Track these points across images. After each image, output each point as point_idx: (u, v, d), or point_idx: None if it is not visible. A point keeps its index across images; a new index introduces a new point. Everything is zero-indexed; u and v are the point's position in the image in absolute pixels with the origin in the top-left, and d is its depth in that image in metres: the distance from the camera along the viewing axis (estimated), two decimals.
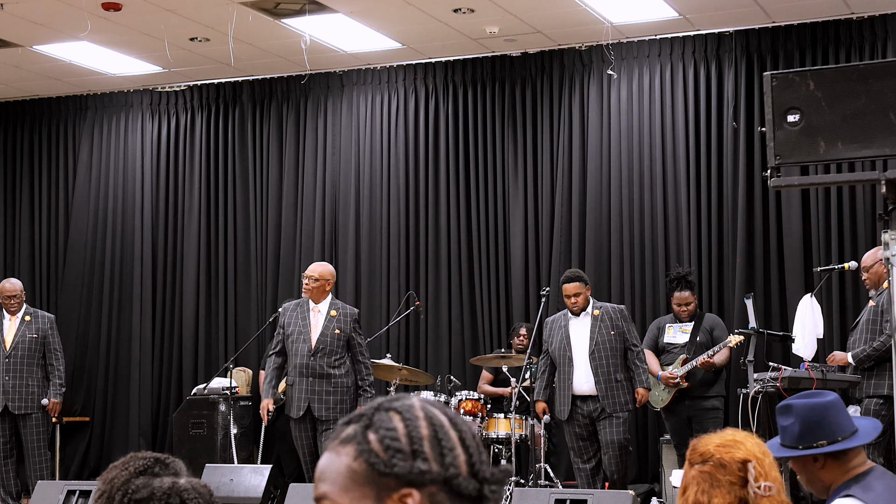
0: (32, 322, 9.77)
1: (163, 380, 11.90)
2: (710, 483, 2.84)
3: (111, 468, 2.24)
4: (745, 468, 2.82)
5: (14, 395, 9.59)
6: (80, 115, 12.40)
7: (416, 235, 11.17)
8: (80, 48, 10.64)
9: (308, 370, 8.40)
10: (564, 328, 8.64)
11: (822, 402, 3.41)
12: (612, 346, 8.52)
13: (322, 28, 10.13)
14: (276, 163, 11.68)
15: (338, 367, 8.45)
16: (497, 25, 10.07)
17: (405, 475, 1.63)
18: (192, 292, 11.80)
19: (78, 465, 11.87)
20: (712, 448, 2.88)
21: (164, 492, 2.17)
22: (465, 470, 1.65)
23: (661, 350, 9.24)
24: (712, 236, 10.25)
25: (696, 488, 2.85)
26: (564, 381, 8.58)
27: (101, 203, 12.19)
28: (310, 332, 8.45)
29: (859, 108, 5.14)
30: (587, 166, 10.68)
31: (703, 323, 9.15)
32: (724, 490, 2.82)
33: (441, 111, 11.18)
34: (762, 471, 2.82)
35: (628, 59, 10.61)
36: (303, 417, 8.42)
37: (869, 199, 9.72)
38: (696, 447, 2.92)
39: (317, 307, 8.51)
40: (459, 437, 1.68)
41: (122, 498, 2.16)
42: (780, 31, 10.11)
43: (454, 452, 1.66)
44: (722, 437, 2.91)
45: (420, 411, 1.69)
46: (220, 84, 11.89)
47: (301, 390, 8.41)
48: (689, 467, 2.92)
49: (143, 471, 2.21)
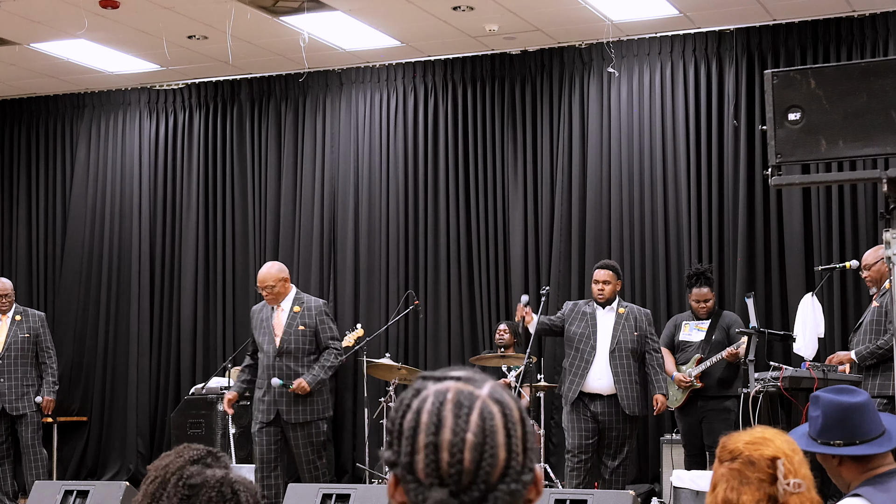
0: (23, 321, 9.72)
1: (161, 379, 11.86)
2: (739, 480, 2.84)
3: (163, 456, 2.30)
4: (774, 465, 2.82)
5: (10, 395, 9.55)
6: (77, 114, 12.37)
7: (415, 234, 11.13)
8: (78, 46, 10.61)
9: (275, 372, 7.98)
10: (591, 316, 8.33)
11: (848, 401, 3.39)
12: (633, 348, 8.28)
13: (321, 26, 10.10)
14: (275, 161, 11.65)
15: (306, 368, 8.02)
16: (497, 23, 10.03)
17: (384, 457, 1.71)
18: (191, 291, 11.77)
19: (75, 464, 11.84)
20: (741, 445, 2.88)
21: (218, 480, 2.21)
22: (423, 476, 1.65)
23: (677, 348, 9.10)
24: (713, 235, 10.22)
25: (726, 485, 2.85)
26: (580, 368, 8.24)
27: (99, 202, 12.16)
28: (273, 333, 8.07)
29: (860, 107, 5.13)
30: (587, 165, 10.64)
31: (720, 321, 8.99)
32: (754, 487, 2.82)
33: (440, 110, 11.15)
34: (791, 468, 2.82)
35: (628, 57, 10.58)
36: (271, 422, 8.00)
37: (870, 197, 9.68)
38: (725, 445, 2.92)
39: (280, 305, 8.13)
40: (425, 444, 1.65)
41: (178, 482, 2.21)
42: (780, 29, 10.08)
43: (414, 456, 1.66)
44: (751, 435, 2.91)
45: (419, 402, 1.68)
46: (219, 82, 11.86)
47: (269, 393, 7.99)
48: (718, 465, 2.92)
49: (196, 460, 2.25)
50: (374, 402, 9.77)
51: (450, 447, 1.64)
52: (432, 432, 1.65)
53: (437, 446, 1.64)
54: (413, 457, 1.65)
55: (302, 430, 8.01)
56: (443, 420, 1.65)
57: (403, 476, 1.67)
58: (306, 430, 8.01)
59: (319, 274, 11.31)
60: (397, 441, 1.68)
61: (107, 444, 11.85)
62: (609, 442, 8.24)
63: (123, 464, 11.68)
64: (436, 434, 1.64)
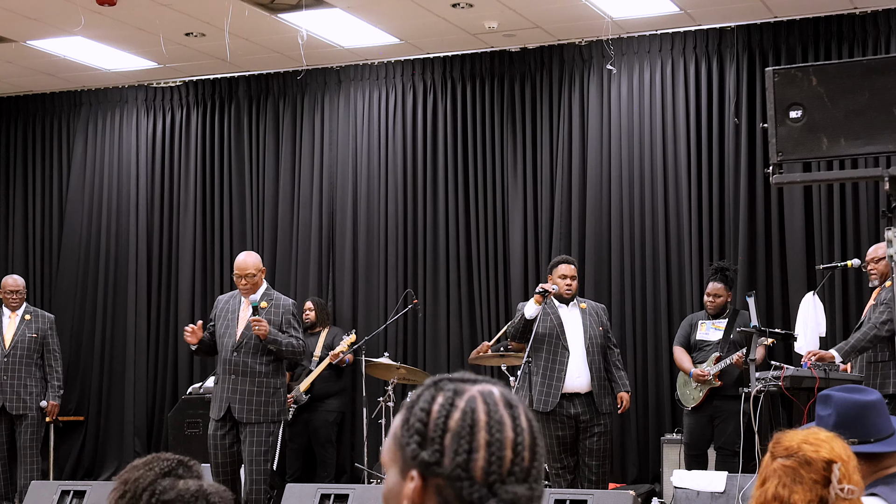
0: (33, 321, 9.70)
1: (158, 379, 11.83)
2: (792, 478, 2.80)
3: (132, 468, 2.24)
4: (830, 468, 2.79)
5: (12, 394, 9.50)
6: (74, 112, 12.34)
7: (414, 233, 11.09)
8: (75, 43, 10.58)
9: (230, 367, 7.60)
10: (554, 315, 8.09)
11: (862, 399, 3.38)
12: (601, 344, 8.15)
13: (319, 23, 10.07)
14: (273, 160, 11.61)
15: (264, 365, 7.63)
16: (496, 20, 10.00)
17: (413, 458, 1.69)
18: (188, 290, 11.74)
19: (72, 465, 11.81)
20: (797, 444, 2.84)
21: (192, 494, 2.18)
22: (479, 476, 1.67)
23: (694, 347, 9.04)
24: (713, 234, 10.18)
25: (778, 482, 2.81)
26: (555, 370, 7.97)
27: (96, 200, 12.13)
28: (236, 327, 7.70)
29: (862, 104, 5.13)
30: (587, 163, 10.60)
31: (737, 320, 8.93)
32: (807, 487, 2.78)
33: (439, 107, 11.11)
34: (846, 473, 2.80)
35: (628, 55, 10.54)
36: (223, 419, 7.60)
37: (872, 196, 9.66)
38: (780, 440, 2.88)
39: (248, 300, 7.75)
40: (488, 442, 1.68)
41: (150, 498, 2.16)
42: (782, 26, 10.04)
43: (472, 455, 1.67)
44: (808, 434, 2.87)
45: (466, 401, 1.71)
46: (216, 80, 11.83)
47: (223, 389, 7.62)
48: (770, 460, 2.88)
49: (167, 472, 2.21)
50: (373, 401, 9.72)
51: (513, 446, 1.69)
52: (498, 430, 1.69)
53: (502, 444, 1.68)
54: (470, 455, 1.67)
55: (252, 429, 7.58)
56: (502, 419, 1.70)
57: (451, 475, 1.66)
58: (258, 430, 7.59)
59: (318, 273, 11.28)
60: (438, 441, 1.68)
61: (103, 443, 11.83)
62: (590, 440, 8.01)
63: (120, 464, 11.61)
64: (500, 432, 1.69)
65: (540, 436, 1.74)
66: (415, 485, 1.68)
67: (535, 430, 1.74)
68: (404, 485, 1.70)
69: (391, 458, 1.74)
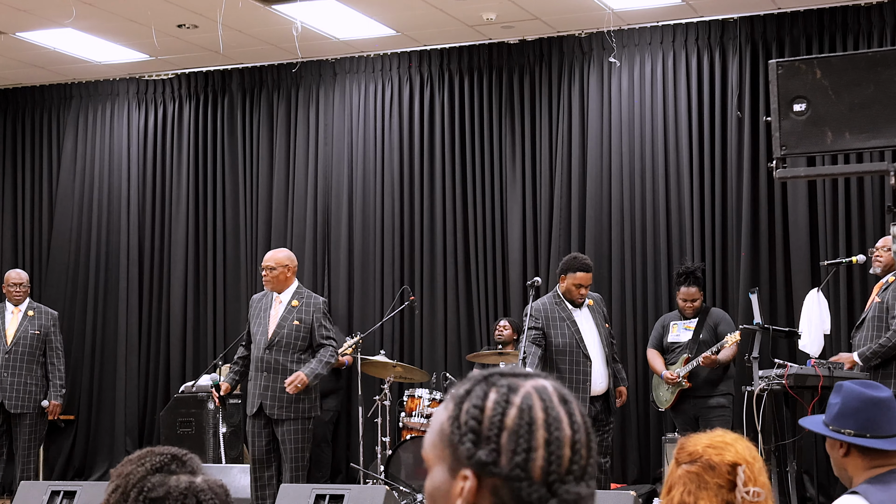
0: (35, 317, 9.65)
1: (150, 377, 11.75)
2: (697, 484, 2.79)
3: (126, 462, 2.19)
4: (734, 471, 2.78)
5: (12, 392, 9.42)
6: (64, 105, 12.27)
7: (410, 228, 11.03)
8: (65, 35, 10.51)
9: (263, 364, 7.89)
10: (571, 321, 8.00)
11: (868, 393, 3.36)
12: (608, 341, 8.17)
13: (314, 14, 10.01)
14: (267, 153, 11.55)
15: (296, 364, 7.89)
16: (494, 12, 9.93)
17: (469, 457, 1.64)
18: (180, 286, 11.68)
19: (62, 464, 11.74)
20: (701, 448, 2.83)
21: (181, 492, 2.14)
22: (538, 475, 1.63)
23: (666, 349, 9.07)
24: (716, 229, 10.14)
25: (683, 489, 2.80)
26: (580, 381, 7.91)
27: (87, 195, 12.07)
28: (268, 325, 7.96)
29: (867, 97, 5.16)
30: (587, 157, 10.53)
31: (707, 319, 8.96)
32: (712, 493, 2.77)
33: (436, 100, 11.04)
34: (752, 475, 2.78)
35: (630, 47, 10.47)
36: (256, 415, 7.91)
37: (877, 190, 9.60)
38: (684, 446, 2.86)
39: (279, 297, 8.02)
40: (547, 440, 1.64)
41: (138, 496, 2.13)
42: (785, 18, 9.98)
43: (530, 454, 1.63)
44: (712, 438, 2.86)
45: (522, 398, 1.66)
46: (209, 72, 11.77)
47: (255, 386, 7.91)
48: (675, 466, 2.86)
49: (159, 468, 2.17)
50: (369, 400, 9.63)
51: (571, 443, 1.66)
52: (556, 428, 1.65)
53: (561, 442, 1.65)
54: (529, 454, 1.63)
55: (287, 427, 7.89)
56: (559, 416, 1.66)
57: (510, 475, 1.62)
58: (293, 427, 7.90)
59: (313, 268, 11.23)
60: (495, 440, 1.64)
61: (94, 442, 11.76)
62: (600, 437, 8.02)
63: (111, 463, 11.53)
64: (558, 430, 1.65)
65: (593, 432, 1.70)
66: (470, 485, 1.63)
67: (589, 426, 1.70)
68: (455, 484, 1.65)
69: (437, 456, 1.68)
